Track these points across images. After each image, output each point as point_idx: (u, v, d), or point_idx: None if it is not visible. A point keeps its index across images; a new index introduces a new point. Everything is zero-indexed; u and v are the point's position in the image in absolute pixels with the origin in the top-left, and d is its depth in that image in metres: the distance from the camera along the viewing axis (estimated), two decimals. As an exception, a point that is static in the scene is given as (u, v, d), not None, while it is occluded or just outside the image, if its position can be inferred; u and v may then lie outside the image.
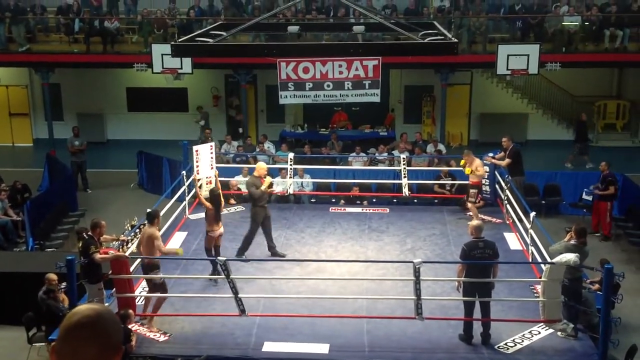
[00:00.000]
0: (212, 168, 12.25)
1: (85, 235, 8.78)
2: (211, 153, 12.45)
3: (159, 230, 9.54)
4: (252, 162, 15.68)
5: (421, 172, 15.00)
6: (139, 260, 9.79)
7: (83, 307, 1.98)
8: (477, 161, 12.40)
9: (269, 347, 8.41)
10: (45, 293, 9.31)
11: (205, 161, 12.29)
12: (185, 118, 20.59)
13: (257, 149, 16.67)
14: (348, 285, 9.99)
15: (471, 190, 12.33)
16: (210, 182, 12.00)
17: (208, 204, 10.33)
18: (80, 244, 8.73)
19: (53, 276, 9.36)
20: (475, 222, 9.06)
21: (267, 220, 10.90)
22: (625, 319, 9.49)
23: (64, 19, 18.88)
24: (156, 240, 8.89)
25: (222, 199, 10.53)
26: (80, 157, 16.65)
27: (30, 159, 19.79)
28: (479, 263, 8.43)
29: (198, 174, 11.84)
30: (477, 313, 8.56)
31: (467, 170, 12.36)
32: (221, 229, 10.31)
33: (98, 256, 8.48)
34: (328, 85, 11.97)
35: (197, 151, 12.24)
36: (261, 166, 11.05)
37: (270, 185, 11.07)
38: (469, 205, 12.32)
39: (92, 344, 1.91)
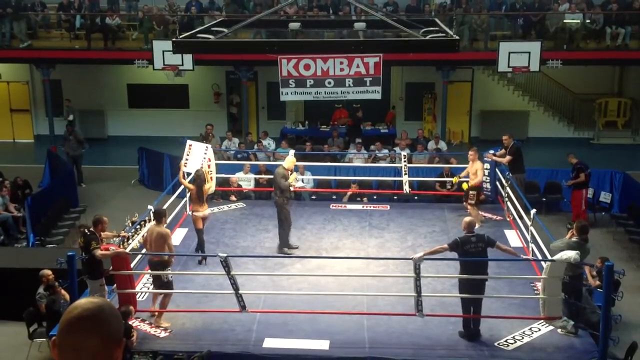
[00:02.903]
0: (201, 167, 11.77)
1: (87, 231, 8.80)
2: (205, 154, 12.16)
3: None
4: (253, 159, 15.68)
5: (422, 169, 15.00)
6: (139, 256, 9.83)
7: (83, 301, 1.98)
8: (479, 164, 12.32)
9: (269, 343, 8.43)
10: (46, 289, 9.32)
11: (196, 158, 12.12)
12: (187, 115, 20.60)
13: (256, 146, 16.66)
14: (348, 281, 10.00)
15: (470, 192, 12.24)
16: (210, 166, 12.10)
17: (190, 185, 10.90)
18: (82, 240, 8.74)
19: (48, 272, 9.36)
20: (467, 218, 9.09)
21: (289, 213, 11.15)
22: (625, 316, 9.49)
23: (65, 15, 18.87)
24: (169, 239, 9.00)
25: (207, 181, 10.93)
26: (75, 150, 16.57)
27: (31, 155, 19.79)
28: (475, 260, 8.43)
29: (185, 166, 11.78)
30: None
31: (464, 186, 12.31)
32: (205, 212, 10.76)
33: (99, 252, 8.50)
34: (329, 82, 11.97)
35: (190, 146, 12.26)
36: (291, 160, 11.17)
37: (296, 179, 11.38)
38: (470, 208, 12.24)
39: (93, 337, 1.91)
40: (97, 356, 1.92)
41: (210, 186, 11.31)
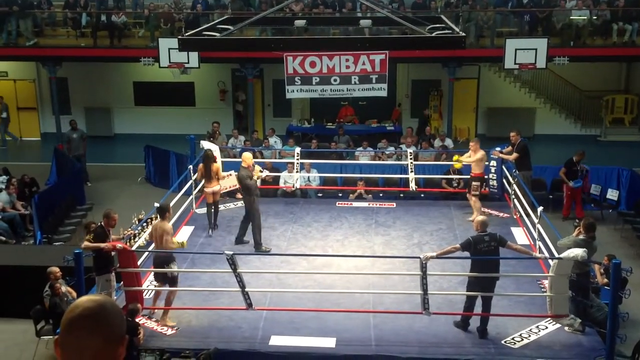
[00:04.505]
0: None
1: (94, 226, 8.86)
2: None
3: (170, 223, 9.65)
4: (259, 157, 15.68)
5: (428, 166, 14.97)
6: (146, 254, 9.84)
7: (84, 299, 1.98)
8: (481, 152, 12.23)
9: (275, 340, 8.43)
10: (50, 288, 9.34)
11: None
12: (192, 112, 20.62)
13: (263, 144, 16.66)
14: (355, 279, 10.00)
15: (473, 183, 12.18)
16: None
17: (200, 165, 11.94)
18: (91, 236, 8.77)
19: (56, 269, 9.38)
20: (480, 217, 9.05)
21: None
22: (633, 314, 9.45)
23: (71, 13, 18.90)
24: (166, 235, 8.97)
25: (215, 160, 11.95)
26: (76, 151, 16.59)
27: (38, 153, 19.85)
28: (488, 258, 8.41)
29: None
30: (477, 305, 8.58)
31: (457, 165, 12.45)
32: (214, 187, 11.76)
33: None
34: (335, 80, 11.95)
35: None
36: (247, 156, 11.34)
37: (260, 171, 11.69)
38: (473, 199, 12.22)
39: (95, 336, 1.91)
40: (100, 355, 1.92)
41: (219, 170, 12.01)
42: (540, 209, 10.50)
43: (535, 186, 14.01)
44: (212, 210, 11.87)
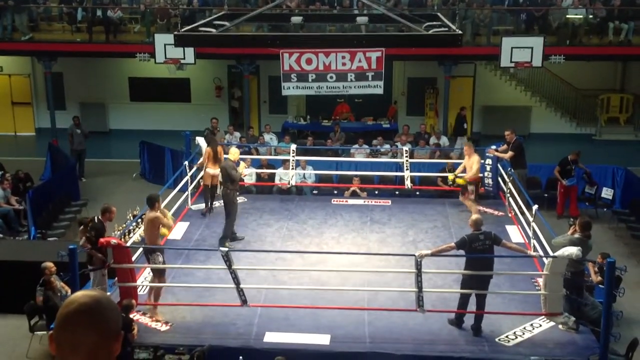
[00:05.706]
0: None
1: (94, 219, 8.90)
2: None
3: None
4: (254, 153, 15.67)
5: (424, 164, 14.98)
6: (140, 249, 9.82)
7: (80, 294, 1.96)
8: (475, 157, 12.24)
9: (270, 337, 8.43)
10: (42, 285, 9.31)
11: None
12: (188, 108, 20.58)
13: (259, 141, 16.65)
14: (349, 276, 9.99)
15: (469, 187, 12.18)
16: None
17: (208, 148, 12.36)
18: (92, 233, 8.76)
19: (50, 264, 9.35)
20: (475, 216, 9.06)
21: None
22: (627, 312, 9.49)
23: (67, 8, 18.83)
24: (157, 221, 8.93)
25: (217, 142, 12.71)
26: (80, 144, 16.62)
27: (33, 148, 19.78)
28: (482, 257, 8.42)
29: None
30: (472, 303, 8.59)
31: (460, 181, 12.30)
32: (216, 171, 12.05)
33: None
34: (331, 77, 11.94)
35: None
36: (235, 151, 11.54)
37: (245, 167, 12.01)
38: (468, 203, 12.19)
39: (90, 332, 1.89)
40: (95, 350, 1.90)
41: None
42: (535, 207, 10.51)
43: (531, 184, 14.04)
44: (210, 193, 12.33)
